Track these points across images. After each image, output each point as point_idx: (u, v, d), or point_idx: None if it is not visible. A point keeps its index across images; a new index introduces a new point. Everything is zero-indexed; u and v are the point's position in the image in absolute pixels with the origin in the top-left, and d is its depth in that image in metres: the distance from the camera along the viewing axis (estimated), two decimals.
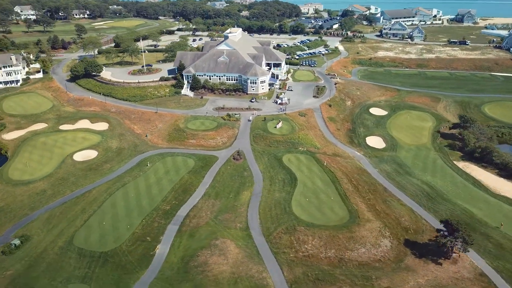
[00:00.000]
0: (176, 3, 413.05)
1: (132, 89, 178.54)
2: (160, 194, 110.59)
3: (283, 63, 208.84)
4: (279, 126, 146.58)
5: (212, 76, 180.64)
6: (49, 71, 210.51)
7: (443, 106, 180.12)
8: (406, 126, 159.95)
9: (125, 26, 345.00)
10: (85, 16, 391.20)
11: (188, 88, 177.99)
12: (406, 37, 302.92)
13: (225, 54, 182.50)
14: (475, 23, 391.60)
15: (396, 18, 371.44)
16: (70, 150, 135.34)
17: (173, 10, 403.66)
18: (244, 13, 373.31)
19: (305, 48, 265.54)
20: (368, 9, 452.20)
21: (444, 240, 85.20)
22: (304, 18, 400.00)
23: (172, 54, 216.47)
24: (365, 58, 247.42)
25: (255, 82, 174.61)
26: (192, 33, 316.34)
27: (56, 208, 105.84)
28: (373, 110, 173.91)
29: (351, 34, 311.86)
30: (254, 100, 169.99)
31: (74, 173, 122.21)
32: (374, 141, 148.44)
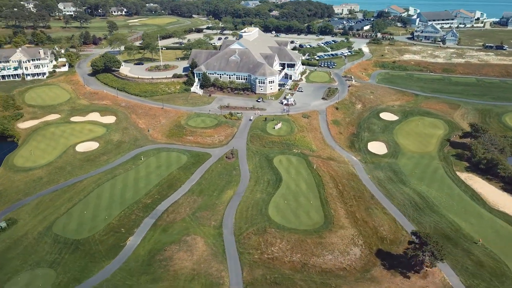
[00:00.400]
0: (210, 2, 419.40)
1: (145, 85, 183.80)
2: (145, 188, 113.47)
3: (299, 64, 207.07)
4: (278, 127, 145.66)
5: (223, 75, 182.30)
6: (75, 65, 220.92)
7: (461, 114, 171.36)
8: (415, 133, 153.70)
9: (157, 24, 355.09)
10: (122, 13, 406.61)
11: (198, 86, 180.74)
12: (439, 40, 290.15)
13: (237, 53, 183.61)
14: None
15: (434, 20, 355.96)
16: (74, 141, 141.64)
17: (207, 9, 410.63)
18: (274, 13, 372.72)
19: (328, 49, 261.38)
20: (407, 11, 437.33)
21: (412, 253, 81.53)
22: (337, 19, 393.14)
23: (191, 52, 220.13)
24: (389, 61, 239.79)
25: (263, 82, 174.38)
26: (220, 32, 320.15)
27: (47, 195, 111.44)
28: (384, 115, 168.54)
29: (381, 36, 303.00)
30: (261, 100, 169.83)
31: (72, 163, 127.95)
32: (376, 147, 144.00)
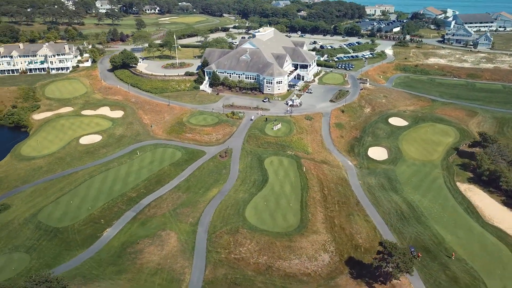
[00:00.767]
0: (241, 1, 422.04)
1: (157, 82, 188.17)
2: (134, 182, 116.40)
3: (313, 65, 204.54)
4: (277, 128, 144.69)
5: (232, 74, 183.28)
6: (98, 61, 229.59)
7: (477, 122, 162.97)
8: (422, 140, 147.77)
9: (185, 22, 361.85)
10: (155, 12, 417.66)
11: (207, 84, 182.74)
12: (470, 44, 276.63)
13: (248, 53, 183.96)
14: None
15: (470, 23, 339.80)
16: (80, 133, 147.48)
17: (237, 8, 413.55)
18: (303, 13, 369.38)
19: (350, 51, 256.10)
20: (444, 13, 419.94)
21: (377, 263, 78.76)
22: (368, 20, 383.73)
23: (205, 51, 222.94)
24: (411, 65, 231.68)
25: (271, 82, 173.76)
26: (246, 31, 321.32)
27: (42, 184, 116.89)
28: (393, 120, 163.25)
29: (409, 39, 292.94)
30: (267, 100, 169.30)
31: (72, 154, 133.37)
32: (377, 152, 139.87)
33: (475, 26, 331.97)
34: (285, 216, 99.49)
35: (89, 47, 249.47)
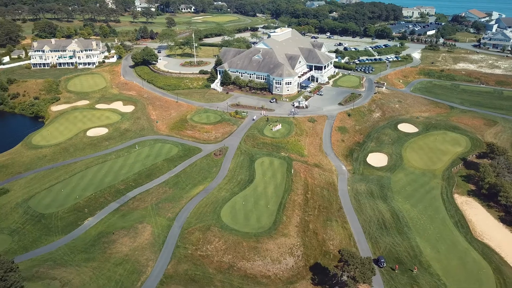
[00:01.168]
0: (275, 1, 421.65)
1: (171, 79, 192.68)
2: (125, 175, 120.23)
3: (329, 67, 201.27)
4: (276, 129, 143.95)
5: (244, 73, 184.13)
6: (123, 57, 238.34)
7: (495, 132, 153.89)
8: (428, 148, 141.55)
9: (217, 21, 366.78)
10: (191, 11, 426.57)
11: (219, 83, 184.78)
12: (508, 49, 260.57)
13: (260, 53, 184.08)
14: None
15: None
16: (89, 126, 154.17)
17: (270, 8, 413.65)
18: (335, 14, 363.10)
19: (374, 54, 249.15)
20: (489, 15, 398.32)
21: (334, 271, 76.83)
22: (403, 22, 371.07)
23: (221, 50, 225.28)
24: (436, 70, 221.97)
25: (280, 83, 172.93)
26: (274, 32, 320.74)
27: (42, 172, 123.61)
28: (402, 126, 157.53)
29: (442, 42, 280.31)
30: (274, 101, 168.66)
31: (76, 146, 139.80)
32: (377, 158, 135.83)
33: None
34: (259, 217, 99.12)
35: (116, 44, 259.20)
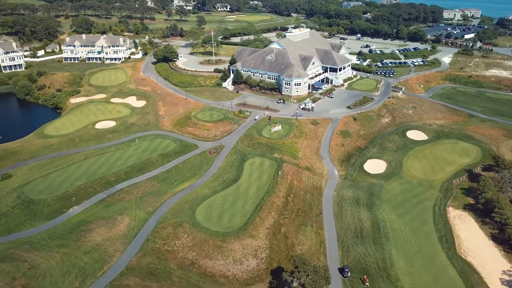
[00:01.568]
0: (310, 1, 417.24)
1: (186, 76, 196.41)
2: (118, 167, 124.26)
3: (346, 69, 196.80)
4: (274, 130, 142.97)
5: (256, 73, 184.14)
6: (148, 54, 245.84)
7: None
8: (433, 157, 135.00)
9: (249, 20, 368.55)
10: (226, 9, 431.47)
11: (230, 82, 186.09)
12: None
13: (274, 53, 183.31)
14: None
15: None
16: (99, 119, 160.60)
17: (304, 8, 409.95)
18: (369, 15, 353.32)
19: (401, 57, 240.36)
20: None
21: (284, 277, 75.54)
22: (443, 25, 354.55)
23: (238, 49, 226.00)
24: (464, 75, 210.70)
25: (289, 84, 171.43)
26: None
27: (45, 160, 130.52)
28: (411, 133, 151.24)
29: (479, 46, 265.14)
30: (281, 102, 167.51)
31: (82, 137, 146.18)
32: (375, 165, 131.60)
33: None
34: (233, 217, 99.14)
35: (145, 41, 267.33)
